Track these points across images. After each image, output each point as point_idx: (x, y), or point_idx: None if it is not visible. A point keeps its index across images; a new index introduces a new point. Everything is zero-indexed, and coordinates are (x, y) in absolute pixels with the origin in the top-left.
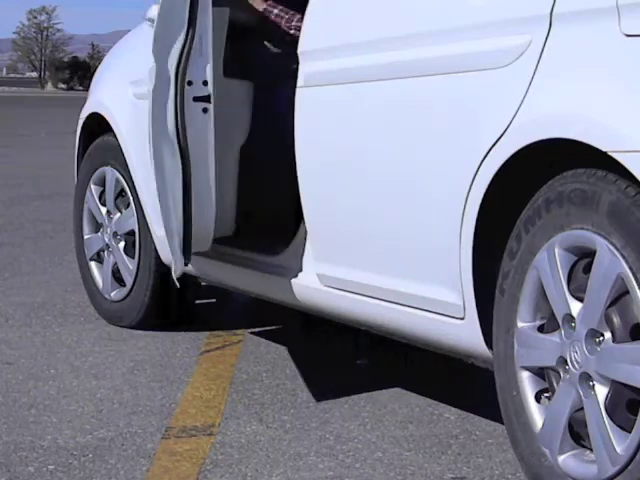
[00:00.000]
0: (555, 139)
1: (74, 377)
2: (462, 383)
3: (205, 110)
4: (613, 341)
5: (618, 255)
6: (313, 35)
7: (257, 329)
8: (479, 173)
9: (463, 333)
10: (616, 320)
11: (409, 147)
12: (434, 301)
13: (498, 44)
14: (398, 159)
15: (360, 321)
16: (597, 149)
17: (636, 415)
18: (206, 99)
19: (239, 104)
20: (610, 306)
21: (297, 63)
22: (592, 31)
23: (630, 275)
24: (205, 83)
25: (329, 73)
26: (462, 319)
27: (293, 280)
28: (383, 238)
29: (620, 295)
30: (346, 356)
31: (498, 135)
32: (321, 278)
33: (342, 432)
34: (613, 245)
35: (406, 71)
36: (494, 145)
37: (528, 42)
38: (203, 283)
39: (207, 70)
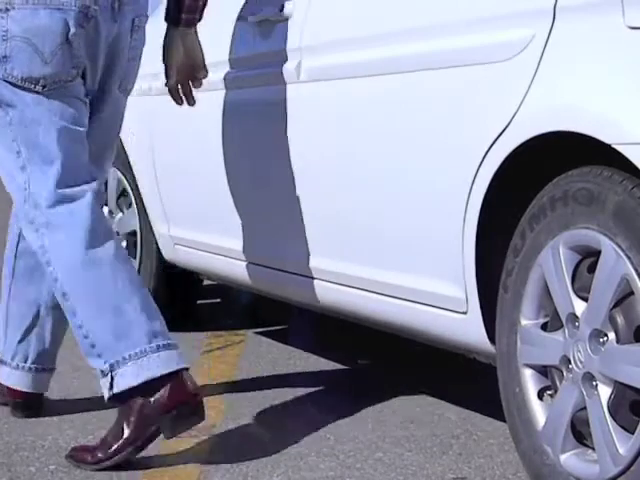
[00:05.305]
0: (559, 134)
1: (75, 377)
2: (463, 383)
3: None
4: (617, 342)
5: (623, 256)
6: (316, 29)
7: (259, 329)
8: (482, 166)
9: (465, 327)
10: (620, 321)
11: (411, 142)
12: (436, 295)
13: (501, 37)
14: (400, 154)
15: (362, 317)
16: (601, 144)
17: (639, 416)
18: None
19: None
20: (614, 307)
21: None
22: (596, 24)
23: (635, 276)
24: None
25: (331, 68)
26: (465, 313)
27: (292, 274)
28: (385, 232)
29: (625, 296)
30: (346, 356)
31: (501, 129)
32: (322, 273)
33: (343, 432)
34: (618, 246)
35: (407, 65)
36: (497, 139)
37: (531, 35)
38: (205, 283)
39: None
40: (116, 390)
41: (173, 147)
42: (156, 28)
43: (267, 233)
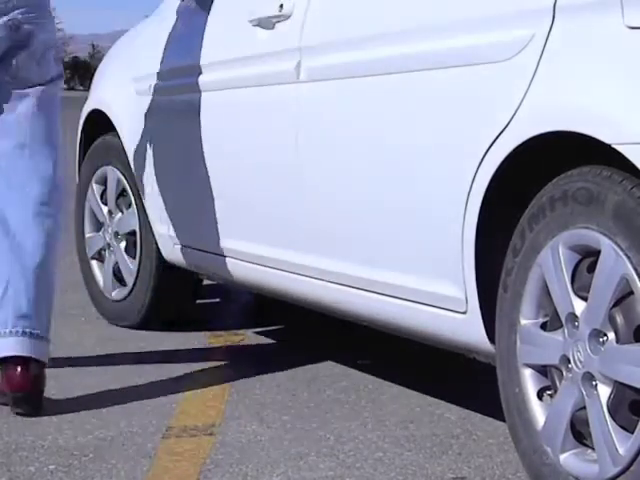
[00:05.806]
0: (559, 134)
1: (74, 377)
2: (463, 383)
3: None
4: (617, 342)
5: (623, 256)
6: (316, 28)
7: (258, 329)
8: (482, 165)
9: (465, 327)
10: (620, 321)
11: (410, 142)
12: (436, 295)
13: (500, 37)
14: (400, 154)
15: (362, 316)
16: (600, 144)
17: (639, 416)
18: None
19: None
20: (614, 306)
21: None
22: (595, 24)
23: (635, 276)
24: None
25: (331, 68)
26: (464, 313)
27: (298, 276)
28: (385, 232)
29: (624, 296)
30: (346, 356)
31: (500, 129)
32: (322, 273)
33: (343, 432)
34: (618, 246)
35: (407, 65)
36: (496, 139)
37: (531, 35)
38: (205, 283)
39: None
40: None
41: (172, 147)
42: (157, 28)
43: (266, 233)
